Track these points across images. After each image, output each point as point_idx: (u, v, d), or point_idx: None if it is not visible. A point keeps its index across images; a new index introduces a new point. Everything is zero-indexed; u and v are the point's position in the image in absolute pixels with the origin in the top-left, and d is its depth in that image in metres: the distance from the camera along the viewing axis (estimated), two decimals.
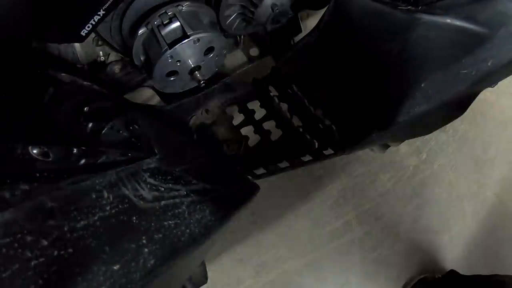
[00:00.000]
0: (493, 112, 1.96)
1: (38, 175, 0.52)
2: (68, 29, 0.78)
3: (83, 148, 0.63)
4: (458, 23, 0.82)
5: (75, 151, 0.61)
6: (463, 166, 1.79)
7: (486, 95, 1.95)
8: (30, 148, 0.54)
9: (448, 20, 0.82)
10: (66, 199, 0.54)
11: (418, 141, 1.79)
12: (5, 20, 0.68)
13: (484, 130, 1.91)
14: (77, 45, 0.94)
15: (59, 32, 0.76)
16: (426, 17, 0.84)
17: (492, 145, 1.88)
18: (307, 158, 1.07)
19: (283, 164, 1.07)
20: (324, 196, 1.60)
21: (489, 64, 0.84)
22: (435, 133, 1.82)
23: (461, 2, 0.82)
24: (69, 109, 0.72)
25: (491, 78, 0.88)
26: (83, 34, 0.79)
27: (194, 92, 1.10)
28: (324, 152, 1.06)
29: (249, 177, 1.04)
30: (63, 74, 0.78)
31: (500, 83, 0.99)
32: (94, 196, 0.58)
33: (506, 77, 0.91)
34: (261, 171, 1.07)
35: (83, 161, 0.62)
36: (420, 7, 0.85)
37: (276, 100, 1.10)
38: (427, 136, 1.79)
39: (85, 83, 0.81)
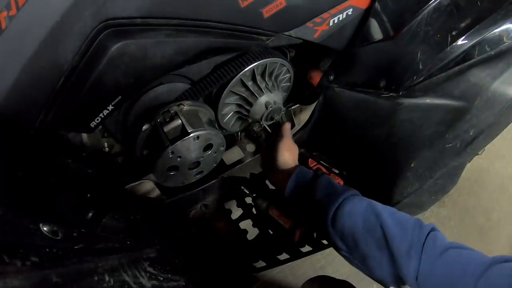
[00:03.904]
0: (489, 178, 1.98)
1: (47, 250, 0.53)
2: (79, 120, 0.82)
3: (83, 231, 0.64)
4: (437, 101, 0.88)
5: (75, 233, 0.62)
6: (468, 237, 1.75)
7: (480, 162, 1.98)
8: (41, 225, 0.55)
9: (428, 100, 0.88)
10: (70, 277, 0.54)
11: None
12: (25, 107, 0.72)
13: (483, 197, 1.90)
14: (84, 135, 0.97)
15: (71, 122, 0.80)
16: (407, 101, 0.91)
17: (494, 210, 1.86)
18: (307, 248, 1.05)
19: (283, 256, 1.05)
20: None
21: (471, 133, 0.87)
22: (435, 209, 1.82)
23: (437, 81, 0.88)
24: (72, 194, 0.73)
25: (475, 147, 0.90)
26: (92, 126, 0.84)
27: (193, 186, 1.11)
28: (324, 241, 1.05)
29: (249, 270, 1.02)
30: (69, 160, 0.81)
31: (491, 147, 1.00)
32: (96, 278, 0.58)
33: (489, 143, 0.93)
34: (260, 264, 1.04)
35: (81, 245, 0.62)
36: (401, 93, 0.91)
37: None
38: (427, 213, 1.78)
39: (89, 171, 0.83)
